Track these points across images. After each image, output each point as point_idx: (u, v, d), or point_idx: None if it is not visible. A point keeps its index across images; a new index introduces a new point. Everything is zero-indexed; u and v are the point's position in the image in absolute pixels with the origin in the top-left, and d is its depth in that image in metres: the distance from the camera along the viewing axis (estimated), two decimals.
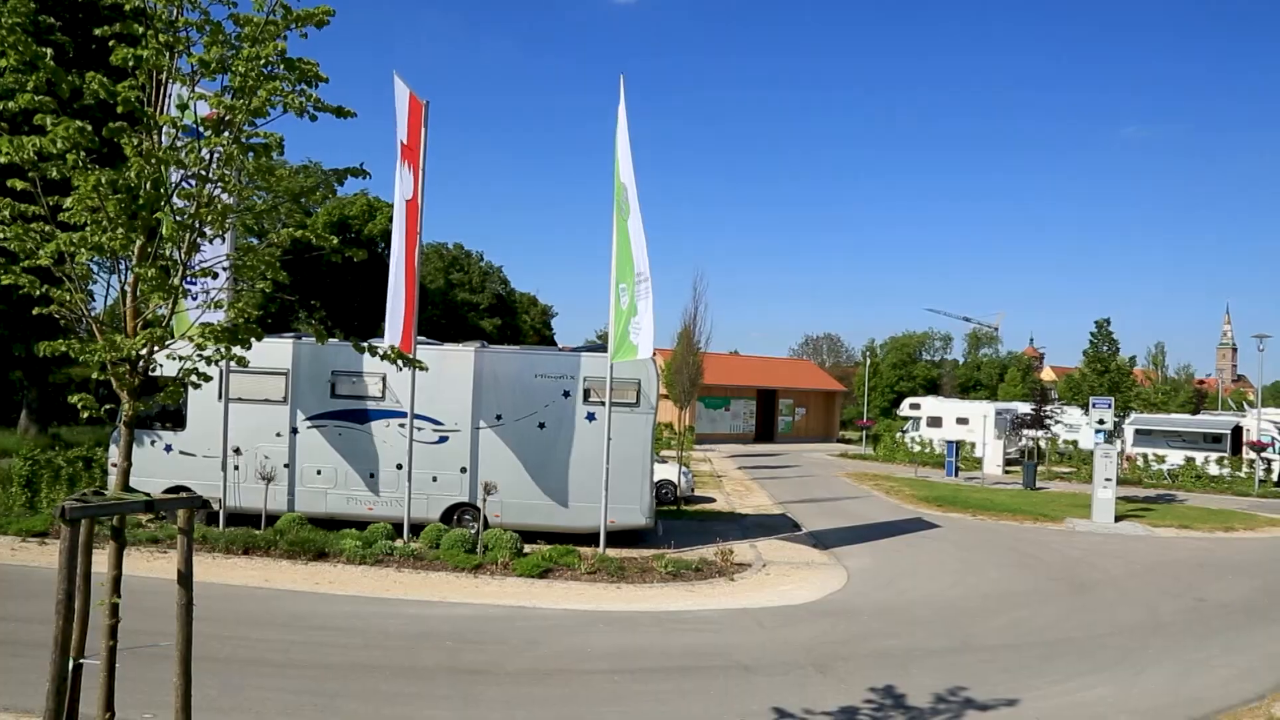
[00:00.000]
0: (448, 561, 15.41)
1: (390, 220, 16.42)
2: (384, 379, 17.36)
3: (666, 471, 24.54)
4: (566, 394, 17.53)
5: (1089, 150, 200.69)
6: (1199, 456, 38.60)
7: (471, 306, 63.34)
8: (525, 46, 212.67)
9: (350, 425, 17.56)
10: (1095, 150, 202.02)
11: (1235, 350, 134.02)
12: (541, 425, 17.50)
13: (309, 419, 17.56)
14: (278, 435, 17.53)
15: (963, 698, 10.32)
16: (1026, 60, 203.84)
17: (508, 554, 15.64)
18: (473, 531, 16.35)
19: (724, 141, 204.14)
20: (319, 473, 17.54)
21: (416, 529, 16.74)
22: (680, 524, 21.14)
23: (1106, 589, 16.87)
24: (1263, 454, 36.64)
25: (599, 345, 18.61)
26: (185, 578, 5.14)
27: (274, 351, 17.35)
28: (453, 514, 17.56)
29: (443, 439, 17.50)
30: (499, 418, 17.51)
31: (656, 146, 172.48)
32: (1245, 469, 36.82)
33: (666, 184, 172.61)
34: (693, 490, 26.34)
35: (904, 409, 50.82)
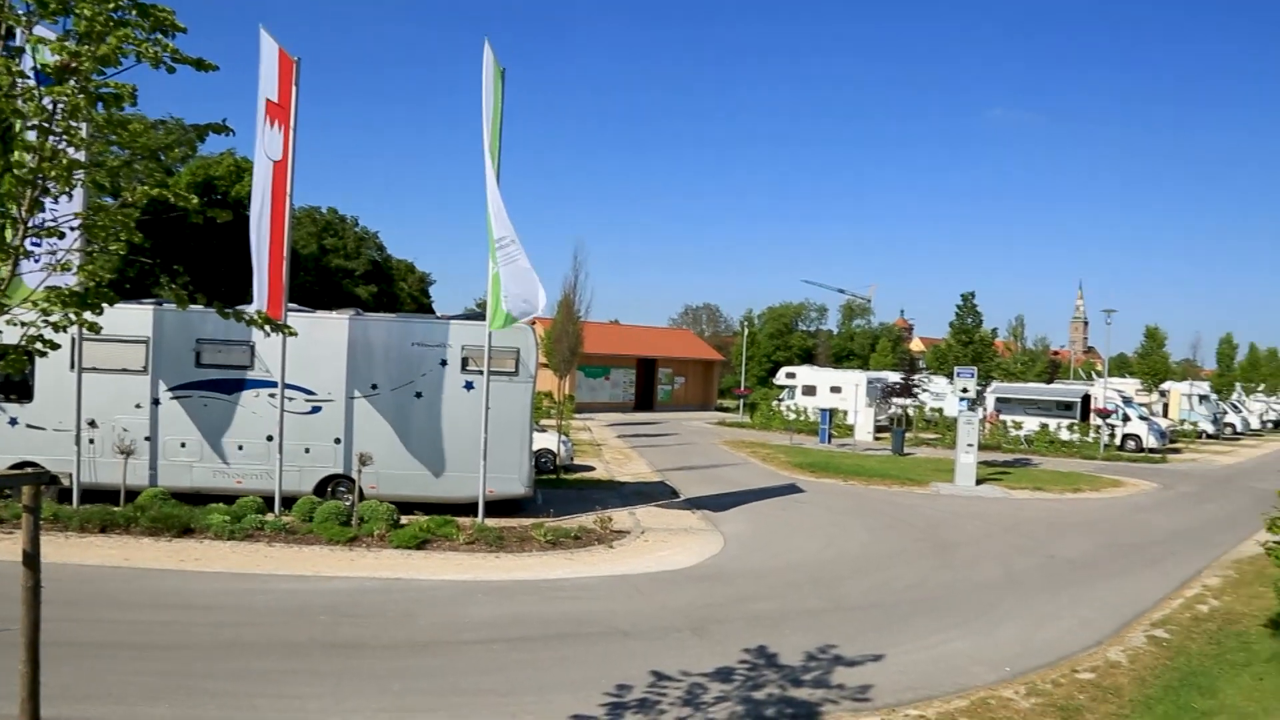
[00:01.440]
0: (322, 535, 15.03)
1: (259, 182, 15.68)
2: (252, 347, 16.71)
3: (546, 440, 24.49)
4: (444, 363, 17.25)
5: (956, 131, 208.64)
6: (1052, 423, 40.95)
7: (346, 273, 61.43)
8: (404, 6, 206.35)
9: (217, 395, 16.86)
10: (962, 131, 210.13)
11: (1087, 324, 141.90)
12: (419, 395, 17.19)
13: (172, 389, 16.76)
14: (137, 406, 16.68)
15: (832, 655, 10.71)
16: (897, 40, 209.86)
17: (384, 526, 15.35)
18: (348, 504, 15.97)
19: (604, 112, 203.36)
20: (183, 445, 16.80)
21: (289, 502, 16.22)
22: (560, 493, 21.17)
23: (967, 548, 17.73)
24: (1108, 420, 39.11)
25: (478, 313, 18.35)
26: (31, 558, 4.85)
27: (132, 318, 16.46)
28: (327, 486, 17.11)
29: (315, 409, 16.99)
30: (374, 387, 17.10)
31: (536, 115, 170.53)
32: (1092, 434, 39.23)
33: (545, 153, 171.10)
34: (572, 459, 26.39)
35: (780, 378, 51.98)
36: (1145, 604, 13.92)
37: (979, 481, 26.72)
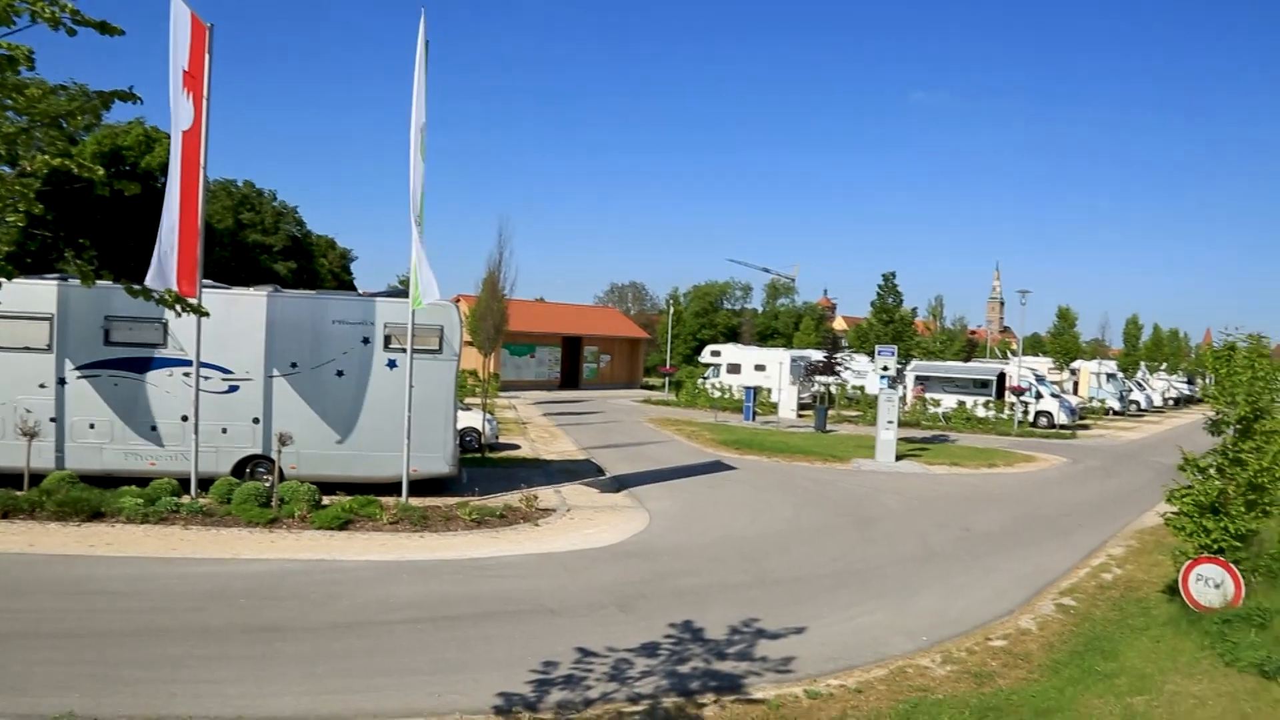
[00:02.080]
0: (240, 517, 14.69)
1: (170, 153, 15.11)
2: (165, 325, 16.17)
3: (471, 419, 24.29)
4: (366, 341, 16.95)
5: (879, 112, 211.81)
6: (969, 400, 42.06)
7: (264, 249, 59.81)
8: None
9: (128, 375, 16.29)
10: (884, 113, 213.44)
11: (1003, 304, 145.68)
12: (340, 373, 16.87)
13: (79, 368, 16.15)
14: (41, 386, 16.03)
15: (756, 628, 10.89)
16: (821, 20, 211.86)
17: (305, 506, 15.08)
18: (267, 485, 15.64)
19: (529, 90, 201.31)
20: (92, 426, 16.21)
21: (205, 484, 15.78)
22: (485, 471, 21.04)
23: (886, 523, 18.16)
24: (1021, 398, 40.34)
25: (401, 290, 18.03)
26: None
27: (34, 294, 15.79)
28: (245, 467, 16.70)
29: (233, 388, 16.55)
30: (294, 365, 16.72)
31: (462, 92, 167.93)
32: (1007, 411, 40.41)
33: (469, 130, 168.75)
34: (497, 437, 26.24)
35: (705, 356, 52.33)
36: (1054, 574, 14.46)
37: (899, 458, 27.34)
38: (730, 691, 9.01)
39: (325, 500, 15.69)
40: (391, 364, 16.93)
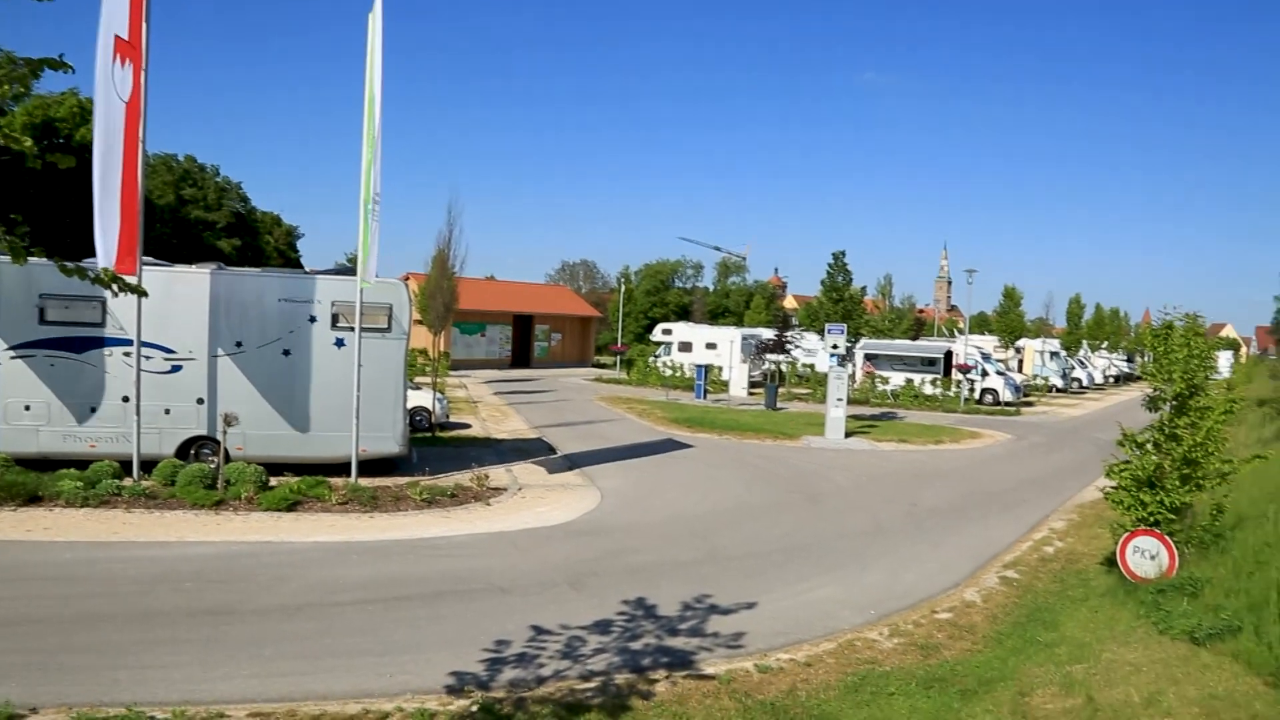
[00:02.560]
0: (185, 499, 14.43)
1: (96, 123, 14.64)
2: (104, 304, 15.76)
3: (421, 398, 24.08)
4: (313, 319, 16.69)
5: (831, 92, 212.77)
6: (917, 378, 42.67)
7: (207, 225, 58.51)
8: None
9: (65, 355, 15.87)
10: (836, 93, 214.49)
11: (950, 283, 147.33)
12: (286, 352, 16.60)
13: (13, 348, 15.69)
14: None
15: (708, 604, 10.99)
16: (776, 2, 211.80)
17: (252, 488, 14.87)
18: (213, 466, 15.37)
19: (481, 68, 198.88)
20: (28, 408, 15.78)
21: (148, 466, 15.45)
22: (435, 451, 20.90)
23: (836, 499, 18.40)
24: (968, 375, 41.04)
25: (348, 268, 17.78)
26: None
27: None
28: (190, 448, 16.40)
29: (176, 368, 16.21)
30: (239, 345, 16.42)
31: (415, 68, 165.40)
32: (954, 389, 41.09)
33: (420, 106, 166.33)
34: (448, 417, 26.05)
35: (657, 334, 52.36)
36: (998, 547, 14.78)
37: (848, 435, 27.67)
38: (682, 667, 9.09)
39: (273, 481, 15.48)
40: (339, 343, 16.70)
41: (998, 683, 8.71)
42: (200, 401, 16.31)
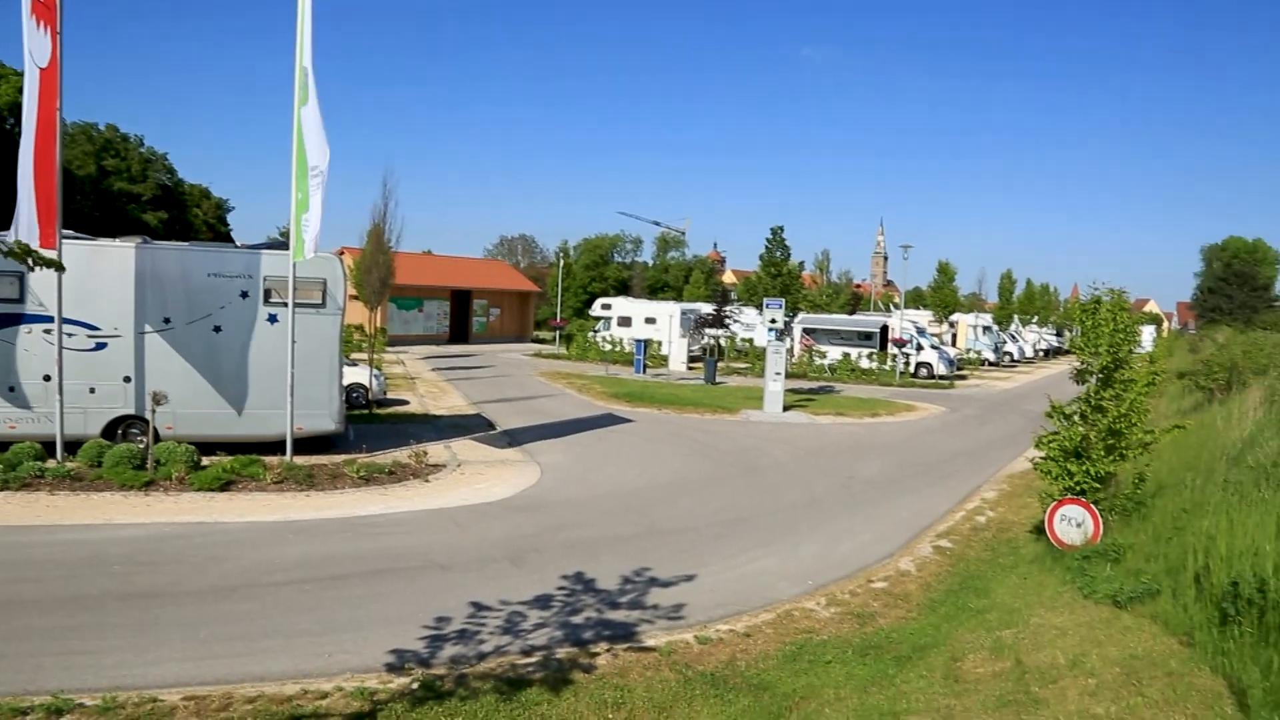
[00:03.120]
0: (113, 480, 14.05)
1: (20, 91, 14.07)
2: (22, 278, 15.19)
3: (357, 375, 23.75)
4: (245, 295, 16.31)
5: (768, 67, 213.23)
6: (854, 352, 43.27)
7: (132, 198, 56.73)
8: None
9: None
10: (774, 68, 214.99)
11: (886, 258, 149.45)
12: (217, 329, 16.21)
13: None
14: None
15: (647, 577, 11.07)
16: None
17: (183, 468, 14.53)
18: (141, 446, 14.98)
19: (419, 42, 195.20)
20: None
21: (73, 447, 15.01)
22: (373, 428, 20.66)
23: (774, 472, 18.62)
24: (903, 349, 41.72)
25: (281, 242, 17.36)
26: None
27: None
28: (117, 428, 15.95)
29: (100, 346, 15.72)
30: (167, 321, 15.98)
31: (346, 39, 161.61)
32: (889, 362, 41.76)
33: (356, 77, 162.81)
34: (385, 393, 25.74)
35: (596, 309, 52.26)
36: (932, 517, 15.12)
37: (786, 408, 27.98)
38: (623, 640, 9.16)
39: (205, 461, 15.16)
40: (273, 319, 16.36)
41: (931, 649, 8.93)
42: (127, 380, 15.86)
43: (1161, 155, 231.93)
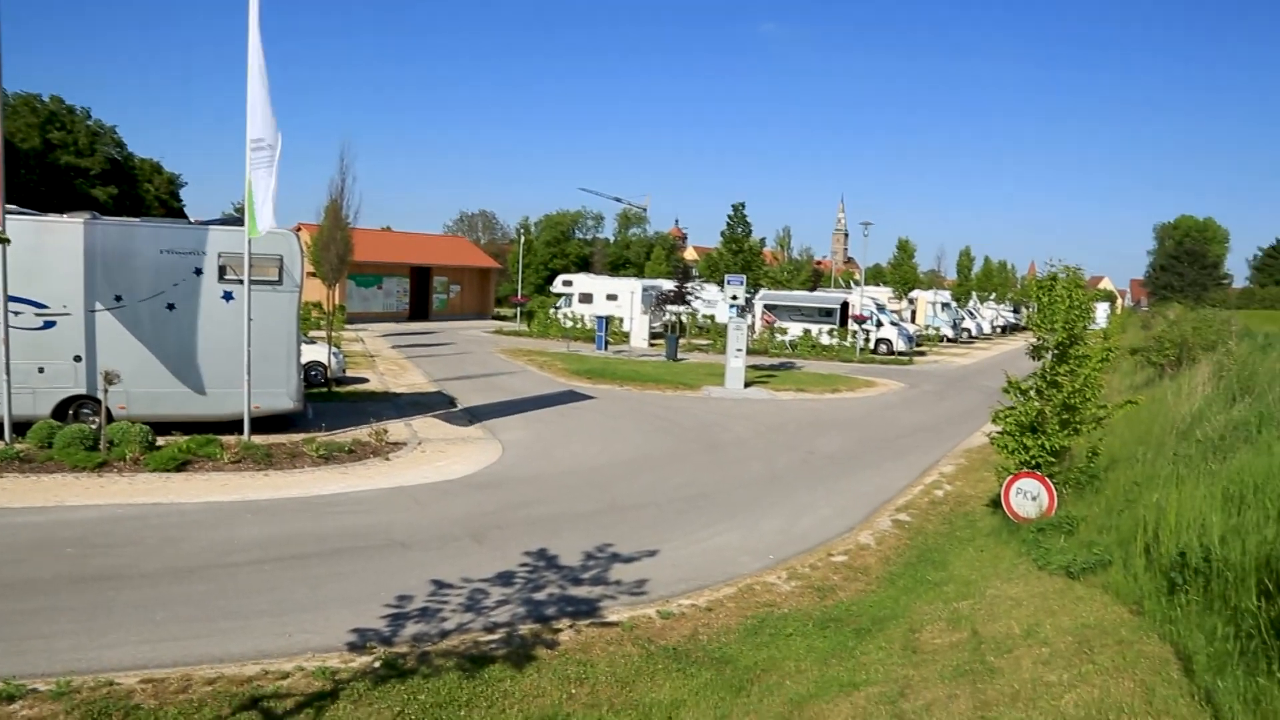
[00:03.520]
0: (64, 461, 13.78)
1: None
2: None
3: (315, 352, 23.46)
4: (199, 271, 16.01)
5: (730, 43, 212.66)
6: (815, 328, 43.54)
7: (79, 172, 55.42)
8: None
9: None
10: (735, 44, 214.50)
11: (847, 235, 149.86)
12: (171, 306, 15.91)
13: None
14: None
15: (609, 553, 11.11)
16: None
17: (137, 448, 14.29)
18: (94, 426, 14.71)
19: (377, 17, 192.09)
20: None
21: (22, 428, 14.70)
22: (332, 406, 20.45)
23: (735, 448, 18.72)
24: (863, 326, 42.06)
25: (236, 218, 17.05)
26: None
27: None
28: (68, 408, 15.62)
29: (49, 324, 15.36)
30: (119, 299, 15.65)
31: (304, 9, 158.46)
32: (850, 339, 42.09)
33: (314, 51, 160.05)
34: (344, 371, 25.46)
35: (557, 286, 52.02)
36: (891, 492, 15.30)
37: (747, 385, 28.11)
38: (586, 616, 9.19)
39: (160, 441, 14.93)
40: (228, 296, 16.09)
41: (890, 621, 9.06)
42: (78, 359, 15.53)
43: (1117, 134, 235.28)
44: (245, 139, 15.29)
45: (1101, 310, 69.17)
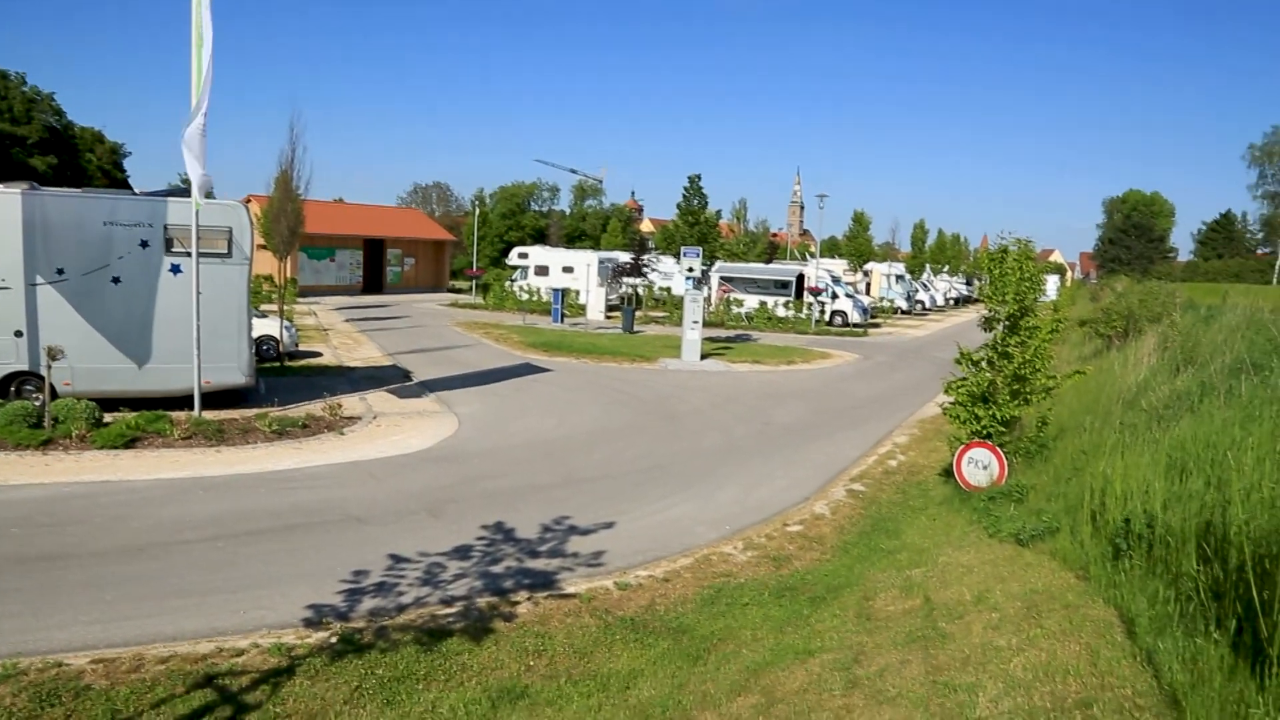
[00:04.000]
0: (6, 439, 13.44)
1: None
2: None
3: (267, 326, 23.11)
4: (145, 244, 15.64)
5: (685, 14, 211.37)
6: (770, 300, 43.76)
7: (15, 141, 53.70)
8: None
9: None
10: (690, 14, 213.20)
11: (803, 208, 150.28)
12: (117, 280, 15.54)
13: None
14: None
15: (567, 525, 11.13)
16: None
17: (84, 425, 13.99)
18: (37, 403, 14.37)
19: None
20: None
21: None
22: (285, 381, 20.18)
23: (692, 419, 18.81)
24: (818, 298, 42.35)
25: (183, 189, 16.65)
26: None
27: None
28: (9, 385, 15.23)
29: None
30: (61, 272, 15.24)
31: None
32: (805, 311, 42.37)
33: (265, 19, 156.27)
34: (297, 345, 25.13)
35: (513, 258, 51.64)
36: (846, 462, 15.49)
37: (704, 357, 28.21)
38: (543, 588, 9.22)
39: (108, 418, 14.64)
40: (176, 269, 15.75)
41: (844, 589, 9.19)
42: (19, 334, 15.13)
43: (1068, 109, 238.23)
44: (190, 106, 14.92)
45: (1052, 283, 70.41)
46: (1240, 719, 4.48)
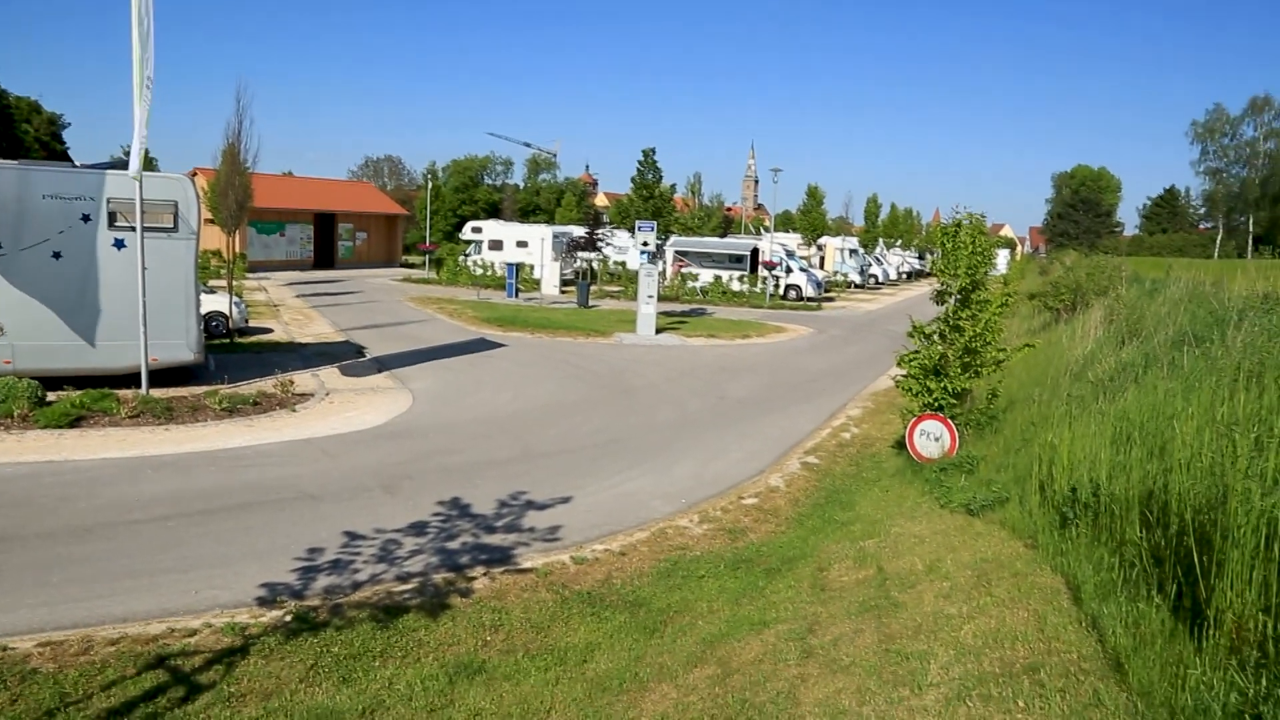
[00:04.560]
0: None
1: None
2: None
3: (216, 302, 22.70)
4: (87, 218, 15.24)
5: None
6: (725, 275, 43.87)
7: None
8: None
9: None
10: None
11: (757, 182, 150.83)
12: (57, 255, 15.12)
13: None
14: None
15: (523, 500, 11.13)
16: None
17: (25, 404, 13.65)
18: None
19: None
20: None
21: None
22: (235, 357, 19.86)
23: (647, 393, 18.85)
24: (773, 272, 42.54)
25: (124, 162, 16.22)
26: None
27: None
28: None
29: None
30: None
31: None
32: (760, 285, 42.55)
33: None
34: (247, 321, 24.72)
35: (466, 233, 51.15)
36: (800, 435, 15.63)
37: (659, 331, 28.26)
38: (500, 563, 9.21)
39: (51, 396, 14.30)
40: (119, 244, 15.38)
41: (799, 560, 9.31)
42: None
43: (1018, 84, 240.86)
44: (133, 75, 14.51)
45: (1002, 257, 71.30)
46: (1180, 679, 4.61)
